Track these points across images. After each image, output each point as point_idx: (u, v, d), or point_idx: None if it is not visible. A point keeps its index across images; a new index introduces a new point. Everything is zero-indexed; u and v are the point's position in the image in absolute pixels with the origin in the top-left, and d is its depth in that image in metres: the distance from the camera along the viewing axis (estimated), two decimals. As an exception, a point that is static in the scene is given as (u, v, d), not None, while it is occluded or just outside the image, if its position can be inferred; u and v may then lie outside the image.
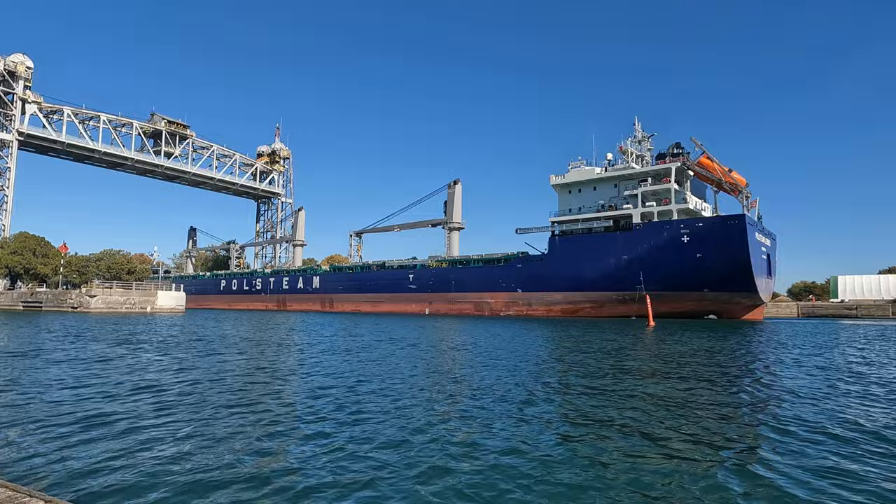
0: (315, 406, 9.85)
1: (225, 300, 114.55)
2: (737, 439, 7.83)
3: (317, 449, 7.17)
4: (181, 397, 10.63)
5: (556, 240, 71.56)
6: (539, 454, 6.99)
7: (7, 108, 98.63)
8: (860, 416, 9.37)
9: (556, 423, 8.67)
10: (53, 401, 10.07)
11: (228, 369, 14.90)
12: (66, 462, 6.47)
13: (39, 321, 41.49)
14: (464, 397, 10.87)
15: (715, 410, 9.79)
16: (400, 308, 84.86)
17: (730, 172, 62.94)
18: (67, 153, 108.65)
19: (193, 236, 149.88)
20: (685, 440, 7.75)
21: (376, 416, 9.00)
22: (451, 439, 7.62)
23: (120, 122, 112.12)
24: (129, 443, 7.31)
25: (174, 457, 6.72)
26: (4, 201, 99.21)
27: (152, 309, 68.42)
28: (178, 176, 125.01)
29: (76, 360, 16.55)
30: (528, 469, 6.44)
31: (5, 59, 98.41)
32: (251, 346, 22.16)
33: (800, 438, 7.88)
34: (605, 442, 7.60)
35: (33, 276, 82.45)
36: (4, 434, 7.69)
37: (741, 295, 61.01)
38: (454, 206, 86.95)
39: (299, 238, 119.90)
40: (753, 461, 6.80)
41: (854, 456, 7.09)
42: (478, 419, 8.90)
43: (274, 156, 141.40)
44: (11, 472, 6.13)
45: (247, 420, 8.69)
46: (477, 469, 6.42)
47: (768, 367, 16.80)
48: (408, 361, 17.13)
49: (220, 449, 7.10)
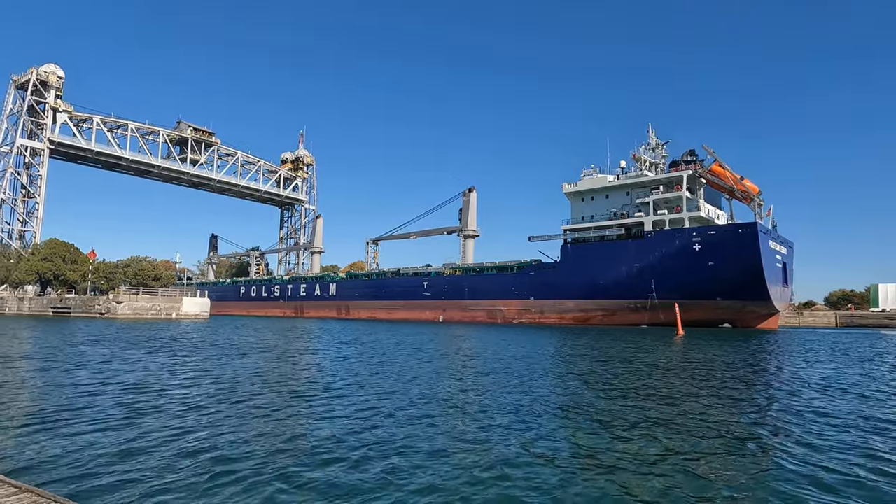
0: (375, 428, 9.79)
1: (244, 307, 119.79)
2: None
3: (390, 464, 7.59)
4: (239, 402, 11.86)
5: (568, 247, 74.11)
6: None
7: (39, 117, 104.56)
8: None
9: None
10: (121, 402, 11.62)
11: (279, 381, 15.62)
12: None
13: (70, 327, 44.29)
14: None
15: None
16: (414, 315, 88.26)
17: (742, 180, 64.54)
18: (97, 161, 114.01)
19: (214, 243, 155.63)
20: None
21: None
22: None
23: (147, 129, 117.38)
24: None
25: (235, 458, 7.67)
26: (36, 208, 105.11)
27: (177, 315, 71.77)
28: (204, 183, 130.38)
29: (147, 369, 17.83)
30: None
31: (37, 69, 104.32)
32: (291, 364, 20.94)
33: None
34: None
35: (63, 283, 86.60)
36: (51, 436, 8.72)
37: (755, 304, 62.43)
38: (469, 214, 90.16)
39: (317, 245, 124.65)
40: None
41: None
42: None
43: (298, 162, 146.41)
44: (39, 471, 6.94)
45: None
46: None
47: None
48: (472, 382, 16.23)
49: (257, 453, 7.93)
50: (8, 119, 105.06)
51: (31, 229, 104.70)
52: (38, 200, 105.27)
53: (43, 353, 22.54)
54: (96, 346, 26.42)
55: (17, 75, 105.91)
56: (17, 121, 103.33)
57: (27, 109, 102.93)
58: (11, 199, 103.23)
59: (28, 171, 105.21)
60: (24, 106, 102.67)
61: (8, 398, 12.03)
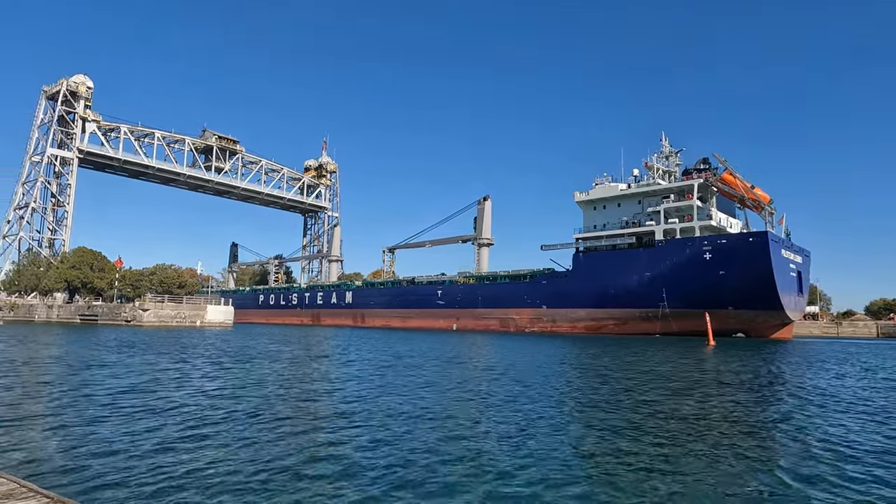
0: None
1: (263, 314, 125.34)
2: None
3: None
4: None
5: (579, 256, 77.00)
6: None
7: (69, 126, 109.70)
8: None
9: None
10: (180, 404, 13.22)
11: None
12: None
13: (101, 334, 46.72)
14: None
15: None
16: (428, 323, 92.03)
17: (752, 189, 66.51)
18: (124, 169, 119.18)
19: (235, 252, 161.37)
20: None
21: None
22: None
23: (173, 138, 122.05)
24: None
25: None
26: (65, 217, 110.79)
27: (202, 323, 74.17)
28: (228, 191, 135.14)
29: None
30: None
31: (68, 80, 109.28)
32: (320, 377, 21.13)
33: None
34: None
35: (90, 290, 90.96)
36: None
37: (767, 313, 63.99)
38: (484, 223, 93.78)
39: (334, 254, 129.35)
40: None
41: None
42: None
43: (321, 169, 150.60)
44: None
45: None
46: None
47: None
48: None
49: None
50: (39, 129, 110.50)
51: (60, 237, 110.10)
52: (67, 209, 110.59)
53: (103, 361, 23.78)
54: (135, 354, 28.22)
55: (47, 86, 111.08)
56: (47, 131, 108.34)
57: (57, 119, 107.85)
58: (42, 207, 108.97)
59: (58, 180, 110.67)
60: (55, 116, 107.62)
61: (30, 400, 13.57)
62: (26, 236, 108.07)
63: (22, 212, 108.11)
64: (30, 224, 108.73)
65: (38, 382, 17.10)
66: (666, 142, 76.42)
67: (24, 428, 10.40)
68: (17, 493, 4.49)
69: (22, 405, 12.89)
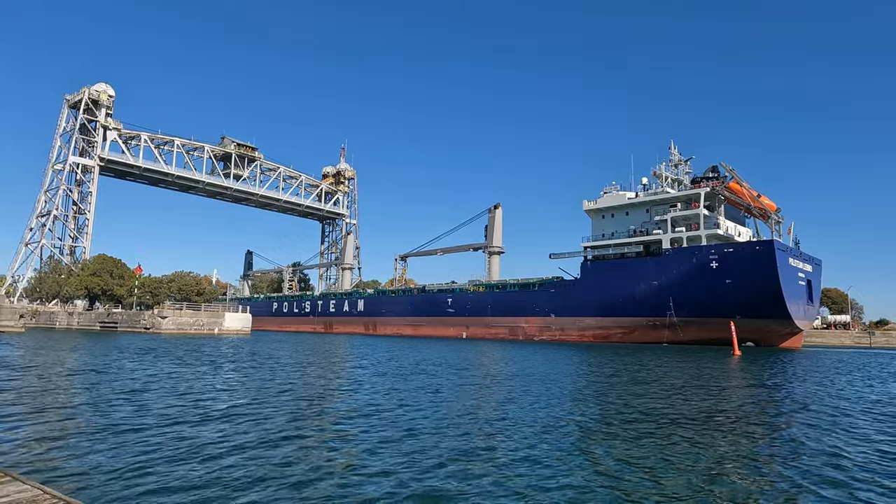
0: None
1: (277, 322, 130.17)
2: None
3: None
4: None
5: (588, 265, 79.74)
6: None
7: (90, 135, 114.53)
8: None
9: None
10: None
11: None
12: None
13: (120, 342, 48.26)
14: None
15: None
16: (438, 332, 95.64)
17: (758, 198, 68.51)
18: (144, 177, 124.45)
19: (250, 259, 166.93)
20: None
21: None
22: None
23: (192, 146, 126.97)
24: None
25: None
26: (86, 224, 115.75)
27: (219, 330, 76.83)
28: (246, 198, 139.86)
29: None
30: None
31: (89, 88, 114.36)
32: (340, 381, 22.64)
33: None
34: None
35: (110, 297, 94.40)
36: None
37: (774, 322, 65.80)
38: (494, 231, 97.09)
39: (347, 261, 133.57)
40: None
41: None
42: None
43: (339, 176, 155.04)
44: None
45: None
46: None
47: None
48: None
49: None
50: (61, 137, 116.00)
51: (81, 245, 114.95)
52: (88, 217, 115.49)
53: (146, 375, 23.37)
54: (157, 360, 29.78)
55: (69, 95, 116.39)
56: (69, 139, 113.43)
57: (79, 128, 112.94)
58: (63, 215, 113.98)
59: (79, 187, 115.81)
60: (77, 124, 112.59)
61: (55, 406, 14.33)
62: (48, 244, 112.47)
63: (44, 219, 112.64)
64: (52, 232, 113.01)
65: (68, 390, 17.88)
66: (675, 150, 78.89)
67: (49, 434, 11.00)
68: (40, 499, 4.70)
69: (45, 412, 13.52)
